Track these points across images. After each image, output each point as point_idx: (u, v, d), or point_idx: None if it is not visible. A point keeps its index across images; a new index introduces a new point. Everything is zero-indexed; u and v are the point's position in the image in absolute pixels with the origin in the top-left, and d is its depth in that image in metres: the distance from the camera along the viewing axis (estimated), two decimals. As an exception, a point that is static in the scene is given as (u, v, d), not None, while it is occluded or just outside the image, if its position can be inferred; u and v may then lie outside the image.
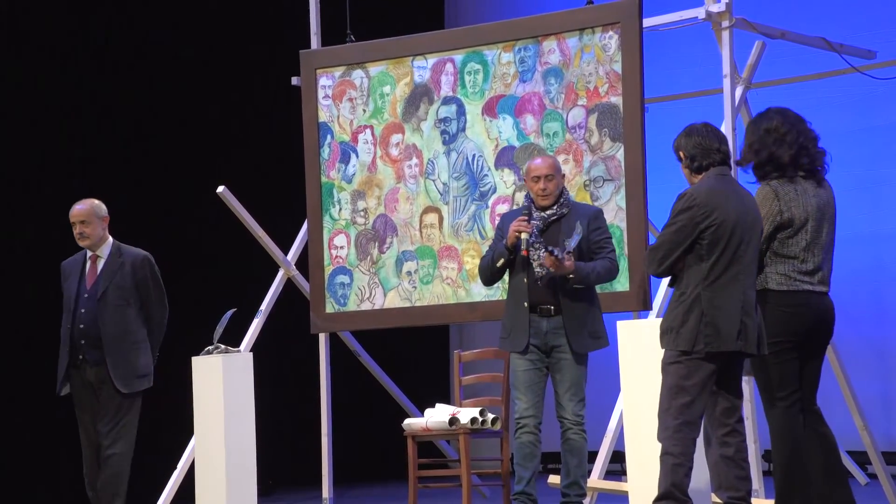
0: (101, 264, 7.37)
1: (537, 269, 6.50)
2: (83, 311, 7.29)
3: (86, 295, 7.32)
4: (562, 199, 6.62)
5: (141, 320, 7.35)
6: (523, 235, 6.46)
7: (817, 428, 5.82)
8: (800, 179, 5.83)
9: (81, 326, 7.27)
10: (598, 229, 6.62)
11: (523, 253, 6.48)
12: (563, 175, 6.70)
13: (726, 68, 7.65)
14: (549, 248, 6.40)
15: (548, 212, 6.60)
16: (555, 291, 6.51)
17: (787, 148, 5.84)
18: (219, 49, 10.92)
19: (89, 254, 7.40)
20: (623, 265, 7.68)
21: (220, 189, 8.81)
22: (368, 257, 8.53)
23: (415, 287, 8.38)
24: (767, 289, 5.77)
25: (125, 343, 7.26)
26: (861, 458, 8.90)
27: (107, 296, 7.28)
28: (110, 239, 7.43)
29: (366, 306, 8.52)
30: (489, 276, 6.73)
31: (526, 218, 6.52)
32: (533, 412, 6.55)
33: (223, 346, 8.02)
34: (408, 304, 8.35)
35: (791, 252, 5.79)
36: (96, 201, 7.42)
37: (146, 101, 10.72)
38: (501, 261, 6.59)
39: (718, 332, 5.55)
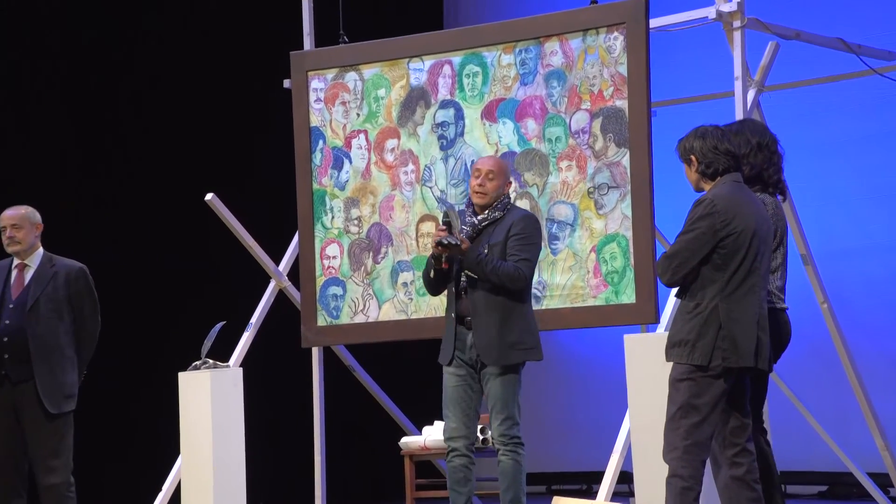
0: (29, 273, 7.17)
1: (462, 280, 6.48)
2: (7, 322, 7.06)
3: (11, 305, 7.10)
4: (497, 204, 6.54)
5: (71, 335, 7.14)
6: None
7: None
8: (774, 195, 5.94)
9: (6, 339, 7.04)
10: (515, 236, 6.45)
11: (444, 265, 6.44)
12: (510, 183, 6.63)
13: (738, 70, 7.60)
14: (444, 241, 6.33)
15: (479, 217, 6.55)
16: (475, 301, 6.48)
17: (774, 169, 5.98)
18: (208, 50, 10.90)
19: (15, 262, 7.21)
20: (629, 276, 7.66)
21: (209, 197, 8.76)
22: (362, 268, 8.46)
23: (411, 299, 8.34)
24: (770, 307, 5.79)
25: (54, 359, 7.05)
26: (882, 481, 8.84)
27: (38, 307, 7.07)
28: (41, 249, 7.23)
29: (359, 319, 8.45)
30: (428, 287, 6.69)
31: (444, 228, 6.44)
32: (463, 432, 6.46)
33: (211, 361, 7.99)
34: (403, 317, 8.31)
35: (772, 267, 5.84)
36: (30, 208, 7.27)
37: (132, 106, 10.70)
38: (432, 272, 6.55)
39: (736, 346, 5.52)
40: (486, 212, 6.53)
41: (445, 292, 6.65)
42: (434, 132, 8.29)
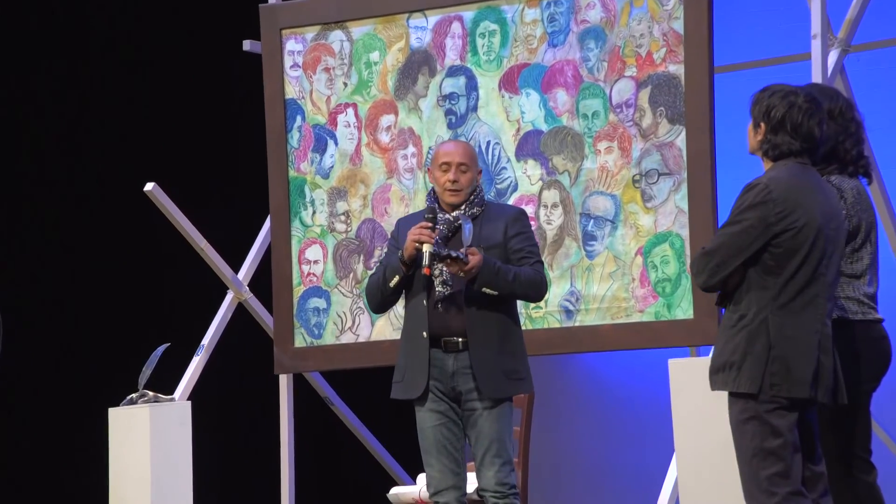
0: None
1: (438, 289, 6.34)
2: None
3: None
4: (473, 198, 6.45)
5: None
6: (425, 248, 6.23)
7: None
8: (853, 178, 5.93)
9: None
10: (520, 235, 6.42)
11: (425, 271, 6.26)
12: (480, 171, 6.50)
13: (816, 26, 7.54)
14: (448, 252, 6.19)
15: (454, 213, 6.43)
16: (462, 316, 6.33)
17: (852, 141, 5.98)
18: (149, 7, 10.86)
19: None
20: (685, 285, 7.64)
21: (149, 187, 8.73)
22: (351, 275, 8.46)
23: (411, 314, 8.32)
24: (845, 318, 5.77)
25: None
26: None
27: None
28: None
29: (347, 338, 8.44)
30: (380, 300, 6.52)
31: (429, 224, 6.31)
32: (452, 481, 6.40)
33: (151, 394, 8.03)
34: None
35: (857, 270, 5.89)
36: None
37: (48, 76, 10.62)
38: (396, 279, 6.38)
39: (788, 371, 5.43)
40: (464, 207, 6.44)
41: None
42: (440, 106, 8.30)
